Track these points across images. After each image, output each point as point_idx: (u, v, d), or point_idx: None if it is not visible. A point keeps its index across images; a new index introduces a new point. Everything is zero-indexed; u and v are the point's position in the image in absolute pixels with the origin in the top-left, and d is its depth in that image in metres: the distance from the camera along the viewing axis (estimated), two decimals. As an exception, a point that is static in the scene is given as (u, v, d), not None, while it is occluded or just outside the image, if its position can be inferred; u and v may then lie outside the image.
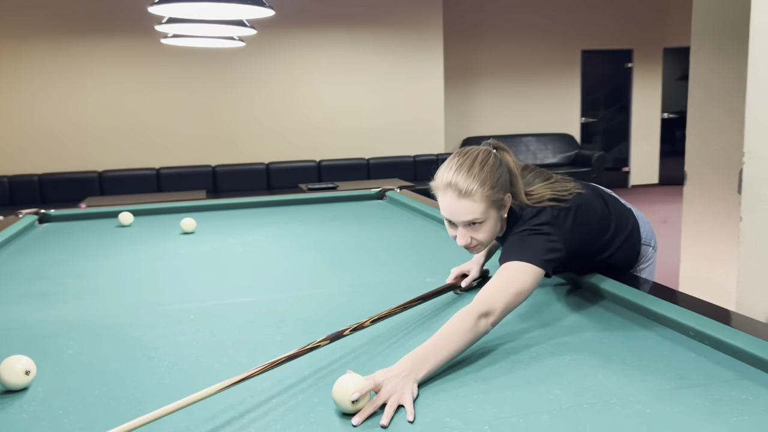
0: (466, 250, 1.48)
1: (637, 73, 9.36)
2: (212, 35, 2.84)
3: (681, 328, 1.35)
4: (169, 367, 1.29)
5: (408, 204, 3.19)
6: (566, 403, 1.08)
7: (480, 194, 1.38)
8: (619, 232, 1.66)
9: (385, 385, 1.08)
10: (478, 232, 1.43)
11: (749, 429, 0.97)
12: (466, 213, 1.39)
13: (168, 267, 2.15)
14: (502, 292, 1.32)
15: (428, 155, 7.99)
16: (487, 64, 8.75)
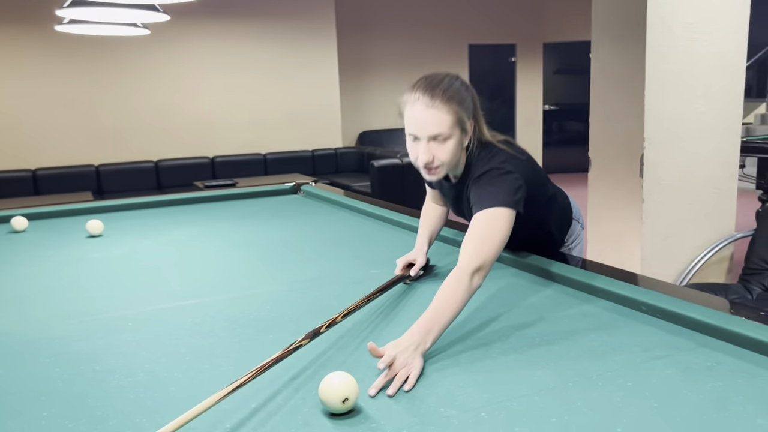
0: (426, 174, 1.50)
1: (520, 67, 9.80)
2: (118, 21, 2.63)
3: (632, 303, 1.41)
4: (122, 379, 1.18)
5: (326, 197, 3.15)
6: (551, 383, 1.09)
7: (448, 108, 1.41)
8: (557, 194, 1.78)
9: (398, 358, 1.12)
10: (440, 150, 1.44)
11: (725, 393, 1.03)
12: (433, 124, 1.41)
13: (85, 273, 1.97)
14: (486, 243, 1.36)
15: (327, 149, 7.93)
16: (381, 58, 8.81)
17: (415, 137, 1.45)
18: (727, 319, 1.22)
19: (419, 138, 1.44)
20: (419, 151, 1.45)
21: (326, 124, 8.00)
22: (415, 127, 1.44)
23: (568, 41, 9.70)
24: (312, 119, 7.89)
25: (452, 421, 0.98)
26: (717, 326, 1.22)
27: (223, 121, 7.48)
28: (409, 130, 1.46)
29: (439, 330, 1.21)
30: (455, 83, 1.46)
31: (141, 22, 2.64)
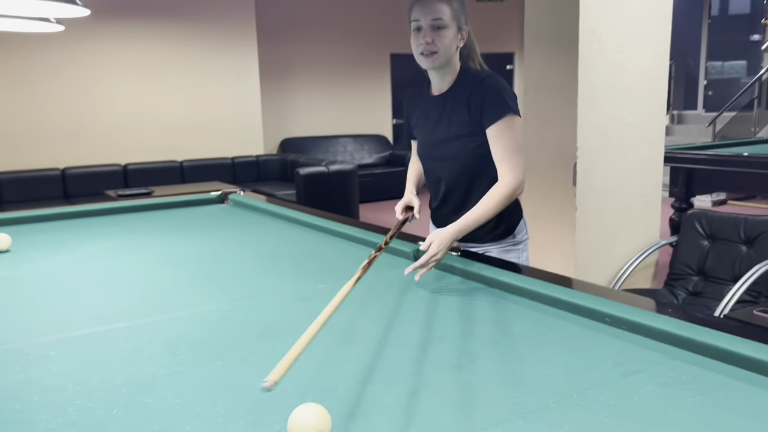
0: (424, 60, 1.77)
1: (441, 76, 9.90)
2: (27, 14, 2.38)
3: (596, 315, 1.38)
4: (50, 420, 1.02)
5: (257, 206, 3.00)
6: (533, 405, 1.03)
7: (447, 3, 1.73)
8: None
9: (437, 246, 1.56)
10: (439, 37, 1.72)
11: (709, 409, 1.00)
12: (435, 11, 1.71)
13: (-9, 294, 1.75)
14: (514, 157, 1.74)
15: (247, 156, 7.71)
16: (303, 65, 8.66)
17: (418, 26, 1.73)
18: (698, 330, 1.20)
19: (422, 25, 1.71)
20: (422, 40, 1.72)
21: (247, 131, 7.78)
22: (419, 13, 1.72)
23: (485, 53, 9.90)
24: (232, 125, 7.65)
25: (438, 453, 0.89)
26: (688, 338, 1.20)
27: (136, 126, 7.12)
28: (413, 18, 1.74)
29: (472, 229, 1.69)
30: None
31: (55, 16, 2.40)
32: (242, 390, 1.11)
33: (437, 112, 1.89)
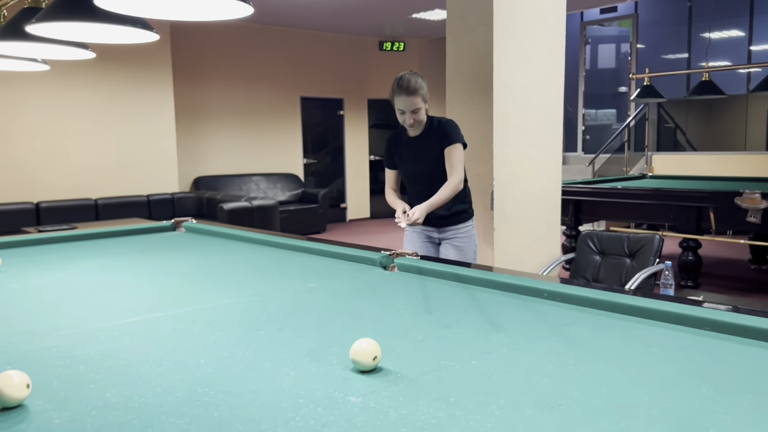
0: (410, 129, 2.89)
1: (348, 119, 10.48)
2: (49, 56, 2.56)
3: (537, 292, 1.86)
4: (151, 369, 1.33)
5: (213, 231, 3.30)
6: (550, 400, 1.41)
7: (418, 94, 2.76)
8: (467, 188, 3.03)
9: (418, 213, 2.66)
10: (417, 115, 2.80)
11: (623, 338, 1.48)
12: (414, 103, 2.76)
13: (25, 301, 1.97)
14: (460, 164, 2.83)
15: (163, 194, 7.80)
16: (216, 106, 8.92)
17: (402, 112, 2.76)
18: (607, 294, 1.70)
19: (405, 111, 2.76)
20: (405, 117, 2.78)
21: (162, 169, 7.89)
22: (403, 105, 2.76)
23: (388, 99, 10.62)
24: (147, 164, 7.75)
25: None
26: (603, 300, 1.70)
27: (48, 164, 7.07)
28: (399, 108, 2.78)
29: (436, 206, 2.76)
30: (418, 78, 2.77)
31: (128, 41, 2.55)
32: (293, 344, 1.47)
33: (418, 147, 2.93)
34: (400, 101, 2.74)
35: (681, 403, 1.11)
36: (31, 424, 1.07)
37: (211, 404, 1.14)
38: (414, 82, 2.72)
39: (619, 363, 1.33)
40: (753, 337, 1.43)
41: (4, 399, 1.13)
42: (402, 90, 2.72)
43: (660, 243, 3.45)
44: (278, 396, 1.18)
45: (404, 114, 2.75)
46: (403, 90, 2.71)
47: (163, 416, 1.09)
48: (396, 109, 2.78)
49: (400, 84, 2.73)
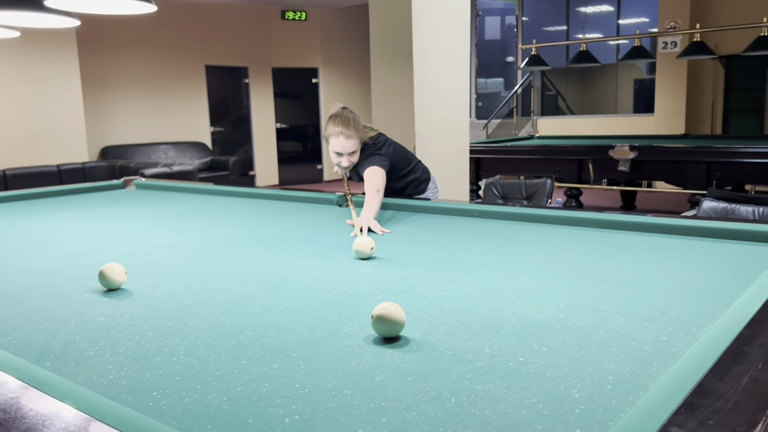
0: (342, 168, 2.66)
1: (253, 88, 10.68)
2: None
3: (467, 212, 2.42)
4: (210, 260, 1.76)
5: (169, 186, 3.63)
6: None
7: (355, 136, 2.60)
8: (416, 162, 2.90)
9: (364, 221, 2.24)
10: (353, 157, 2.64)
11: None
12: (350, 147, 2.60)
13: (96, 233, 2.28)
14: (377, 179, 2.54)
15: (73, 164, 7.75)
16: (122, 75, 8.86)
17: (338, 153, 2.60)
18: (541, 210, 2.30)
19: (342, 154, 2.59)
20: (342, 159, 2.61)
21: (70, 139, 7.82)
22: (340, 148, 2.59)
23: (293, 67, 10.91)
24: (55, 133, 7.66)
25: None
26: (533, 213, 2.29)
27: (-51, 134, 6.85)
28: (334, 150, 2.60)
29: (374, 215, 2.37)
30: (354, 120, 2.60)
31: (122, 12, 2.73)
32: (301, 249, 1.94)
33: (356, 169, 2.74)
34: (337, 144, 2.57)
35: (563, 275, 1.72)
36: (143, 299, 1.50)
37: (262, 283, 1.61)
38: (352, 124, 2.57)
39: (530, 251, 1.92)
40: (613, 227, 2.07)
41: (111, 282, 1.54)
42: (339, 126, 2.56)
43: (551, 186, 4.16)
44: (313, 273, 1.66)
45: (341, 156, 2.59)
46: (340, 126, 2.56)
47: (224, 294, 1.54)
48: (331, 151, 2.62)
49: (336, 126, 2.57)
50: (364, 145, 2.68)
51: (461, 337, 1.18)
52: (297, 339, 1.18)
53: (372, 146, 2.69)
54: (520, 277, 1.58)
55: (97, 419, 0.82)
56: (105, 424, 0.81)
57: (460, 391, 0.95)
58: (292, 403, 0.92)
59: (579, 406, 0.89)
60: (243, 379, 1.01)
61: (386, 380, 1.00)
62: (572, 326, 1.22)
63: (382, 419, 0.87)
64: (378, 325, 1.16)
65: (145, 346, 1.17)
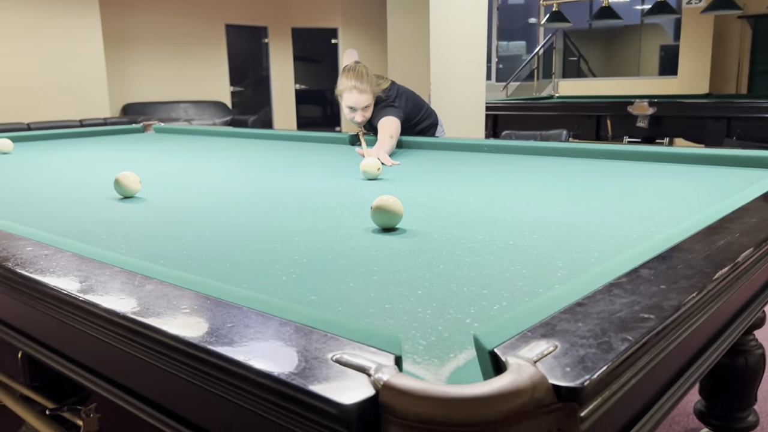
0: (356, 124, 2.64)
1: (273, 48, 10.67)
2: None
3: (477, 147, 2.45)
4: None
5: (185, 130, 3.70)
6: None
7: (368, 90, 2.56)
8: (425, 108, 2.87)
9: (374, 152, 2.24)
10: (366, 112, 2.60)
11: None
12: (364, 101, 2.56)
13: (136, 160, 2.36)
14: (391, 126, 2.46)
15: (95, 119, 7.86)
16: (143, 32, 8.91)
17: (352, 108, 2.56)
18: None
19: (355, 109, 2.55)
20: (355, 114, 2.57)
21: (92, 95, 7.93)
22: (353, 103, 2.54)
23: (313, 27, 10.87)
24: (78, 89, 7.77)
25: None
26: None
27: (-25, 88, 6.99)
28: (348, 105, 2.55)
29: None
30: (367, 74, 2.54)
31: None
32: (316, 174, 1.99)
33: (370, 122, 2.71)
34: (350, 99, 2.53)
35: (581, 199, 1.75)
36: (158, 203, 1.56)
37: (271, 194, 1.67)
38: (365, 77, 2.52)
39: (535, 175, 1.95)
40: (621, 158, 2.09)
41: (126, 189, 1.60)
42: (352, 80, 2.51)
43: (567, 137, 4.15)
44: (319, 187, 1.72)
45: (355, 111, 2.55)
46: (353, 80, 2.51)
47: (233, 201, 1.60)
48: (344, 106, 2.58)
49: (349, 80, 2.52)
50: (378, 99, 2.63)
51: (457, 228, 1.22)
52: (300, 229, 1.24)
53: (385, 99, 2.65)
54: (521, 191, 1.62)
55: (97, 260, 0.88)
56: (106, 263, 0.87)
57: (449, 261, 1.00)
58: (290, 268, 0.98)
59: (560, 272, 0.93)
60: (246, 252, 1.07)
61: (380, 254, 1.05)
62: (566, 222, 1.26)
63: (373, 277, 0.92)
64: (377, 215, 1.21)
65: (155, 232, 1.24)
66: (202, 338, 0.59)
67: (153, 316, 0.66)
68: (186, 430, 0.65)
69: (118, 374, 0.76)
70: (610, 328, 0.59)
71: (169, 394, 0.69)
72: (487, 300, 0.82)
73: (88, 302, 0.72)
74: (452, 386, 0.46)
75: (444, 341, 0.69)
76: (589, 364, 0.51)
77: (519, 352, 0.54)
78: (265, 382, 0.52)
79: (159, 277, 0.80)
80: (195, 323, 0.63)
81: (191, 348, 0.58)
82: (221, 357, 0.56)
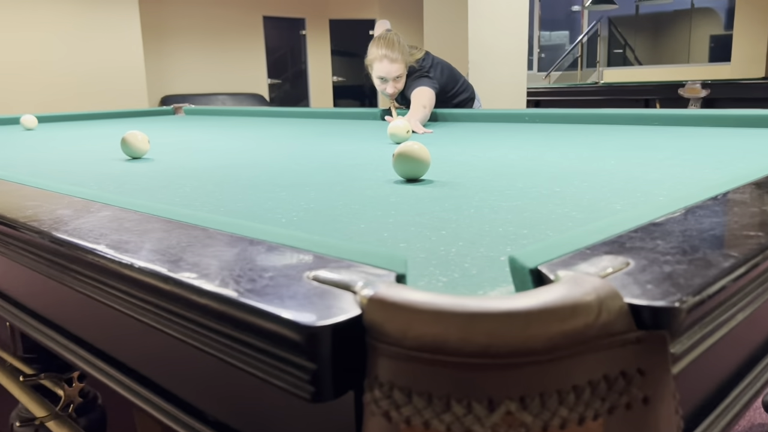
0: (387, 96, 2.48)
1: (310, 40, 10.59)
2: None
3: (518, 117, 2.27)
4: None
5: (216, 111, 3.60)
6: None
7: (400, 59, 2.38)
8: (462, 81, 2.68)
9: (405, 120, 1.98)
10: (398, 83, 2.43)
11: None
12: (395, 71, 2.39)
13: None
14: (425, 96, 2.29)
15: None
16: (181, 25, 8.93)
17: (383, 79, 2.39)
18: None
19: (387, 79, 2.38)
20: (387, 86, 2.42)
21: (130, 87, 7.96)
22: (384, 73, 2.37)
23: (351, 18, 10.75)
24: (117, 81, 7.80)
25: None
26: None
27: (16, 79, 7.08)
28: (378, 75, 2.39)
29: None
30: (399, 42, 2.37)
31: None
32: (354, 139, 1.84)
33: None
34: (381, 69, 2.36)
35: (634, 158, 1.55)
36: (165, 162, 1.43)
37: (289, 155, 1.52)
38: (397, 46, 2.36)
39: (586, 137, 1.76)
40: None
41: (133, 149, 1.48)
42: (383, 49, 2.35)
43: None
44: (343, 149, 1.57)
45: (386, 82, 2.39)
46: (383, 49, 2.35)
47: (247, 161, 1.46)
48: (374, 77, 2.43)
49: (379, 49, 2.36)
50: (411, 69, 2.44)
51: (494, 179, 1.05)
52: (314, 181, 1.09)
53: (419, 69, 2.44)
54: (567, 149, 1.44)
55: (90, 199, 0.75)
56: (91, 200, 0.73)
57: (482, 206, 0.83)
58: (293, 213, 0.83)
59: (619, 214, 0.76)
60: (245, 201, 0.92)
61: (401, 200, 0.89)
62: (622, 172, 1.08)
63: (389, 220, 0.77)
64: (399, 163, 1.06)
65: (152, 183, 1.11)
66: (140, 257, 0.44)
67: (93, 238, 0.51)
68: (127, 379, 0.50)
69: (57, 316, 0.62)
70: (702, 245, 0.41)
71: (112, 337, 0.54)
72: (527, 239, 0.65)
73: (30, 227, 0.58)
74: (473, 298, 0.30)
75: (470, 278, 0.53)
76: (681, 280, 0.35)
77: (577, 266, 0.37)
78: (210, 304, 0.36)
79: (124, 206, 0.65)
80: (139, 243, 0.48)
81: (122, 267, 0.43)
82: (158, 276, 0.40)
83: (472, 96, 2.85)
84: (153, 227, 0.54)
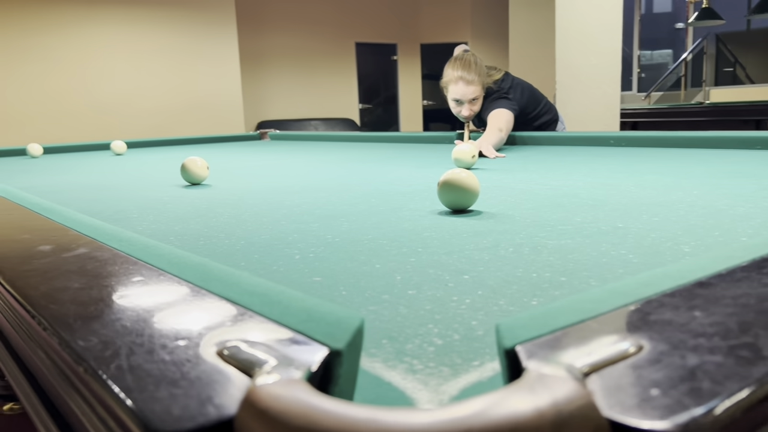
0: (463, 118, 2.33)
1: (401, 65, 10.66)
2: None
3: (602, 140, 2.11)
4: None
5: (300, 136, 3.64)
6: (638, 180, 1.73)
7: (477, 81, 2.27)
8: (544, 102, 2.50)
9: (477, 143, 1.95)
10: (474, 105, 2.31)
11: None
12: (471, 93, 2.27)
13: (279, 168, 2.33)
14: (502, 120, 2.16)
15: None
16: (277, 53, 9.25)
17: (458, 101, 2.28)
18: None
19: (462, 102, 2.27)
20: (462, 108, 2.30)
21: (228, 113, 8.29)
22: (460, 96, 2.26)
23: (441, 42, 10.74)
24: (215, 107, 8.16)
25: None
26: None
27: (125, 107, 7.55)
28: (453, 97, 2.29)
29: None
30: (477, 64, 2.25)
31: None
32: (408, 164, 1.77)
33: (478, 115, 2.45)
34: (456, 91, 2.26)
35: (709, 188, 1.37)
36: (219, 189, 1.41)
37: (342, 180, 1.46)
38: (473, 67, 2.25)
39: (673, 163, 1.58)
40: None
41: (192, 175, 1.47)
42: (459, 70, 2.25)
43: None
44: (400, 174, 1.49)
45: (461, 105, 2.28)
46: (460, 70, 2.25)
47: (298, 187, 1.41)
48: (450, 100, 2.34)
49: (455, 71, 2.26)
50: (489, 91, 2.32)
51: (548, 211, 0.94)
52: (353, 211, 1.02)
53: (497, 90, 2.33)
54: (646, 176, 1.28)
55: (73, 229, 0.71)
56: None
57: (524, 244, 0.73)
58: (313, 247, 0.76)
59: (687, 258, 0.63)
60: (271, 232, 0.86)
61: (434, 235, 0.80)
62: (702, 205, 0.93)
63: (411, 259, 0.68)
64: (444, 192, 0.96)
65: (189, 211, 1.07)
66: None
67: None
68: None
69: None
70: (757, 324, 0.30)
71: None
72: (562, 289, 0.55)
73: None
74: (372, 408, 0.21)
75: (471, 341, 0.43)
76: (706, 383, 0.24)
77: (562, 352, 0.27)
78: (66, 370, 0.29)
79: (119, 241, 0.60)
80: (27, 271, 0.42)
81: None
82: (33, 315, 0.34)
83: (555, 118, 2.70)
84: (114, 270, 0.48)
